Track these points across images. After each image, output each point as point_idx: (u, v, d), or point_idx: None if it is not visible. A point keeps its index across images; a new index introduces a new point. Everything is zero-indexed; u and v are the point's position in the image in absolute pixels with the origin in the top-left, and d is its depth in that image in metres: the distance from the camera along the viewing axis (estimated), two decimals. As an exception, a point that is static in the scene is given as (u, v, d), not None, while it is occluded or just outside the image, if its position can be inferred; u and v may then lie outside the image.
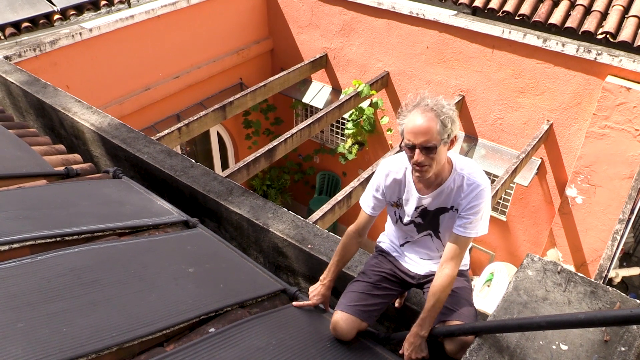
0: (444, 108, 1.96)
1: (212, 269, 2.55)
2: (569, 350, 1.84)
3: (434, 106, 1.95)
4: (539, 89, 5.81)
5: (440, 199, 2.14)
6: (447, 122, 1.96)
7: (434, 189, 2.13)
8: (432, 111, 1.95)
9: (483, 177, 2.11)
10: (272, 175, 8.99)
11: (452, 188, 2.11)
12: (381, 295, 2.34)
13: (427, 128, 1.94)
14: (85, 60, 5.87)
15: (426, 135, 1.94)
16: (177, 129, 5.59)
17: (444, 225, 2.21)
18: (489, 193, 2.11)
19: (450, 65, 6.39)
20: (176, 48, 6.79)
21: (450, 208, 2.15)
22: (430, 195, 2.14)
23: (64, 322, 1.87)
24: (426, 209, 2.19)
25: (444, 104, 1.98)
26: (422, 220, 2.24)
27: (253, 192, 3.37)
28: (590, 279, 2.10)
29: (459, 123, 2.03)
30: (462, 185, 2.10)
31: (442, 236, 2.26)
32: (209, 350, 1.98)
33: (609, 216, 5.78)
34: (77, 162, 3.53)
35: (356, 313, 2.27)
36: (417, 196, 2.18)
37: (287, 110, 8.60)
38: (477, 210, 2.08)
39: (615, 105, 5.18)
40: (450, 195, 2.12)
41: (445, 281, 2.05)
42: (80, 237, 2.49)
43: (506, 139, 6.41)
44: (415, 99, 2.01)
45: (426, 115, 1.95)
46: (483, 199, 2.08)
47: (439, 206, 2.16)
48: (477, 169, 2.13)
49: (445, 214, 2.17)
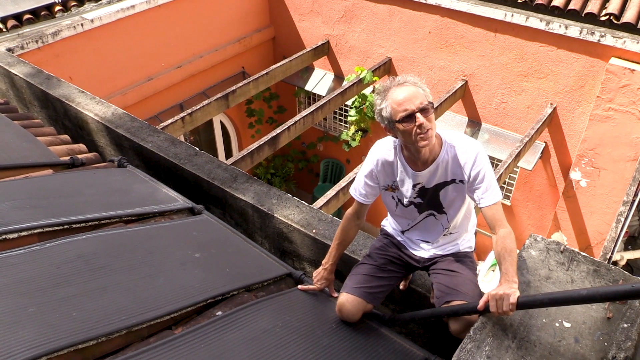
0: (417, 81, 2.04)
1: (218, 254, 2.58)
2: (572, 328, 1.86)
3: (405, 80, 2.04)
4: (542, 72, 5.78)
5: (437, 173, 2.14)
6: (425, 88, 2.04)
7: (429, 165, 2.14)
8: (407, 82, 2.03)
9: (473, 142, 2.13)
10: (276, 164, 9.00)
11: (447, 160, 2.12)
12: (386, 278, 2.36)
13: (415, 93, 2.00)
14: (88, 51, 5.87)
15: (418, 98, 1.99)
16: (180, 119, 5.60)
17: (448, 198, 2.20)
18: (484, 154, 2.12)
19: (453, 50, 6.36)
20: (178, 38, 6.78)
21: (451, 181, 2.15)
22: (427, 171, 2.14)
23: (73, 307, 1.91)
24: (424, 187, 2.19)
25: (412, 76, 2.06)
26: (422, 199, 2.23)
27: (257, 179, 3.39)
28: (592, 258, 2.11)
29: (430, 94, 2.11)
30: (456, 155, 2.11)
31: (448, 210, 2.25)
32: (216, 333, 2.01)
33: (614, 199, 5.77)
34: (82, 151, 3.56)
35: (362, 295, 2.29)
36: (412, 173, 2.17)
37: (289, 98, 8.59)
38: (483, 174, 2.09)
39: (619, 87, 5.15)
40: (447, 168, 2.13)
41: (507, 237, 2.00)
42: (87, 225, 2.52)
43: (510, 123, 6.39)
44: (384, 84, 2.08)
45: (406, 86, 2.02)
46: (481, 162, 2.10)
47: (438, 182, 2.16)
48: (463, 136, 2.16)
49: (447, 188, 2.17)
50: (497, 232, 2.03)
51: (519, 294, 1.78)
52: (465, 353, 1.79)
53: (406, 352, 2.18)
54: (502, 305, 1.78)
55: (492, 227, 2.07)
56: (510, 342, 1.82)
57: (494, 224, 2.05)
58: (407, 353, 2.17)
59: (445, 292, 2.15)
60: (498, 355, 1.77)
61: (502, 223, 2.04)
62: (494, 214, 2.06)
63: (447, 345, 2.43)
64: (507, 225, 2.05)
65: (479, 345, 1.81)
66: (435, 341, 2.64)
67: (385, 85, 2.07)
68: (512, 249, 1.96)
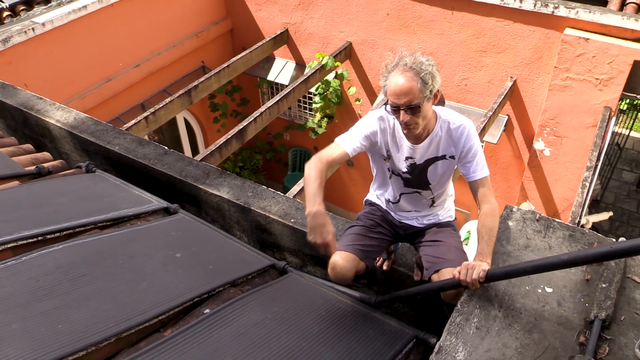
0: (422, 65, 1.98)
1: (199, 252, 2.56)
2: (553, 292, 1.92)
3: (413, 64, 1.97)
4: (500, 46, 5.89)
5: (429, 149, 2.18)
6: (427, 78, 1.98)
7: (423, 139, 2.17)
8: (411, 70, 1.97)
9: (466, 120, 2.18)
10: (244, 157, 8.94)
11: (440, 135, 2.16)
12: (377, 239, 2.39)
13: (408, 88, 1.96)
14: (41, 56, 5.69)
15: (408, 95, 1.97)
16: (144, 118, 5.50)
17: (436, 174, 2.25)
18: (476, 131, 2.18)
19: (412, 30, 6.40)
20: (134, 36, 6.63)
21: (441, 156, 2.19)
22: (421, 146, 2.18)
23: (58, 319, 1.87)
24: (415, 163, 2.23)
25: (422, 60, 1.99)
26: (410, 175, 2.27)
27: (230, 173, 3.37)
28: (567, 223, 2.18)
29: (439, 76, 2.05)
30: (449, 130, 2.15)
31: (433, 186, 2.30)
32: (206, 331, 2.00)
33: (577, 165, 5.95)
34: (47, 160, 3.46)
35: (355, 251, 2.26)
36: (408, 146, 2.20)
37: (252, 90, 8.52)
38: (474, 150, 2.15)
39: (575, 57, 5.29)
40: (439, 144, 2.17)
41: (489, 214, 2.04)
42: (62, 234, 2.46)
43: (472, 99, 6.50)
44: (394, 59, 2.02)
45: (406, 75, 1.97)
46: (474, 138, 2.16)
47: (429, 157, 2.20)
48: (457, 114, 2.19)
49: (436, 163, 2.22)
50: (482, 207, 2.08)
51: (488, 267, 1.86)
52: (455, 326, 1.83)
53: (396, 331, 2.21)
54: (471, 274, 1.84)
55: (479, 202, 2.13)
56: (497, 311, 1.87)
57: (481, 199, 2.11)
58: (397, 332, 2.20)
59: (434, 262, 2.20)
60: (486, 326, 1.82)
61: (489, 199, 2.10)
62: (481, 189, 2.11)
63: (434, 321, 2.48)
64: (493, 201, 2.10)
65: (468, 318, 1.85)
66: (421, 318, 2.69)
67: (394, 61, 2.02)
68: (491, 227, 2.01)
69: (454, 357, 1.74)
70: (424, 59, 2.00)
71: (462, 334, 1.80)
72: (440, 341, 1.79)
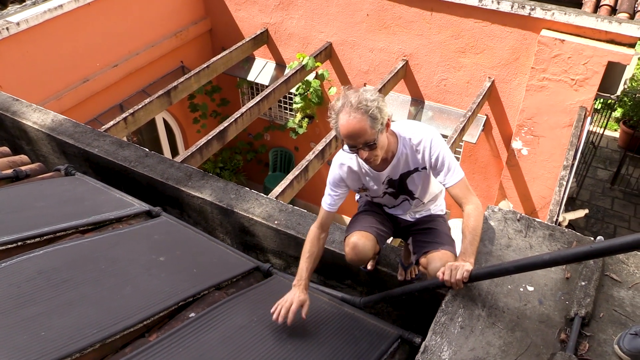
0: (368, 102, 1.95)
1: (183, 255, 2.55)
2: (535, 291, 1.96)
3: (359, 104, 1.95)
4: (478, 47, 5.96)
5: (399, 167, 2.22)
6: (375, 114, 1.96)
7: (390, 162, 2.20)
8: (357, 110, 1.95)
9: (424, 129, 2.18)
10: (224, 157, 8.89)
11: (406, 153, 2.19)
12: (386, 225, 2.44)
13: (359, 130, 1.96)
14: (16, 57, 5.57)
15: (361, 135, 1.98)
16: (122, 119, 5.43)
17: (415, 184, 2.28)
18: (438, 138, 2.17)
19: (392, 31, 6.44)
20: (112, 36, 6.53)
21: (414, 170, 2.22)
22: (390, 167, 2.22)
23: (41, 326, 1.84)
24: (391, 179, 2.27)
25: (367, 97, 1.96)
26: (393, 188, 2.32)
27: (213, 175, 3.35)
28: (547, 223, 2.23)
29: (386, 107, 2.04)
30: (412, 146, 2.18)
31: (420, 195, 2.34)
32: (192, 335, 1.99)
33: (553, 164, 6.06)
34: (24, 163, 3.39)
35: (373, 232, 2.32)
36: (376, 174, 2.25)
37: (232, 90, 8.48)
38: (442, 158, 2.15)
39: (551, 58, 5.39)
40: (407, 160, 2.20)
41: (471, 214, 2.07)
42: (42, 239, 2.42)
43: (451, 99, 6.57)
44: (340, 100, 2.01)
45: (355, 117, 1.95)
46: (437, 147, 2.15)
47: (402, 172, 2.24)
48: (415, 126, 2.20)
49: (412, 176, 2.25)
50: (464, 208, 2.12)
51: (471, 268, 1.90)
52: (440, 326, 1.85)
53: (381, 331, 2.23)
54: (455, 274, 1.88)
55: (460, 204, 2.16)
56: (480, 310, 1.90)
57: (461, 202, 2.14)
58: (382, 333, 2.22)
59: (423, 246, 2.25)
60: (471, 325, 1.85)
61: (469, 199, 2.12)
62: (458, 192, 2.14)
63: (418, 320, 2.51)
64: (474, 200, 2.13)
65: (452, 317, 1.88)
66: (406, 319, 2.72)
67: (337, 105, 2.01)
68: (474, 227, 2.04)
69: (439, 357, 1.76)
70: (367, 95, 1.97)
71: (447, 334, 1.83)
72: (426, 341, 1.82)
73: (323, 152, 5.34)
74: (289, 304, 2.15)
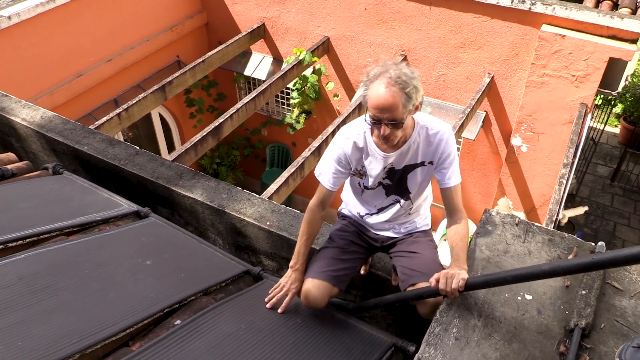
0: (407, 79, 1.87)
1: (171, 258, 2.47)
2: (533, 300, 1.89)
3: (398, 78, 1.86)
4: (478, 42, 5.87)
5: (407, 155, 2.11)
6: (411, 93, 1.88)
7: (400, 146, 2.09)
8: (396, 84, 1.85)
9: (444, 125, 2.12)
10: (221, 153, 8.80)
11: (418, 142, 2.09)
12: (350, 260, 2.33)
13: (392, 104, 1.87)
14: (8, 51, 5.48)
15: (391, 111, 1.88)
16: (116, 115, 5.34)
17: (414, 181, 2.19)
18: (454, 138, 2.13)
19: (390, 25, 6.34)
20: (106, 30, 6.43)
21: (420, 163, 2.13)
22: (397, 153, 2.10)
23: (18, 336, 1.77)
24: (393, 168, 2.16)
25: (407, 73, 1.88)
26: (390, 180, 2.20)
27: (204, 174, 3.27)
28: (546, 227, 2.15)
29: (422, 89, 1.95)
30: (427, 136, 2.09)
31: (414, 196, 2.24)
32: (177, 344, 1.92)
33: (553, 161, 5.98)
34: (11, 161, 3.31)
35: (327, 278, 2.23)
36: (383, 155, 2.12)
37: (229, 85, 8.38)
38: (452, 158, 2.10)
39: (552, 53, 5.29)
40: (417, 150, 2.11)
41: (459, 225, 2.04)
42: (25, 242, 2.34)
43: (450, 95, 6.48)
44: (378, 68, 1.91)
45: (390, 90, 1.86)
46: (452, 145, 2.11)
47: (408, 163, 2.14)
48: (435, 119, 2.13)
49: (415, 170, 2.15)
50: (453, 216, 2.05)
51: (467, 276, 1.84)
52: (434, 337, 1.78)
53: (374, 339, 2.16)
54: (451, 283, 1.82)
55: (450, 210, 2.09)
56: (476, 320, 1.83)
57: (452, 207, 2.07)
58: (375, 340, 2.15)
59: (409, 275, 2.14)
60: (466, 336, 1.77)
61: (460, 207, 2.07)
62: (454, 196, 2.08)
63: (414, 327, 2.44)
64: (463, 210, 2.09)
65: (447, 328, 1.80)
66: (401, 323, 2.64)
67: (375, 71, 1.91)
68: (464, 234, 2.01)
69: (433, 369, 1.69)
70: (408, 71, 1.89)
71: (441, 345, 1.76)
72: (419, 353, 1.74)
73: (319, 149, 5.26)
74: (283, 294, 2.23)
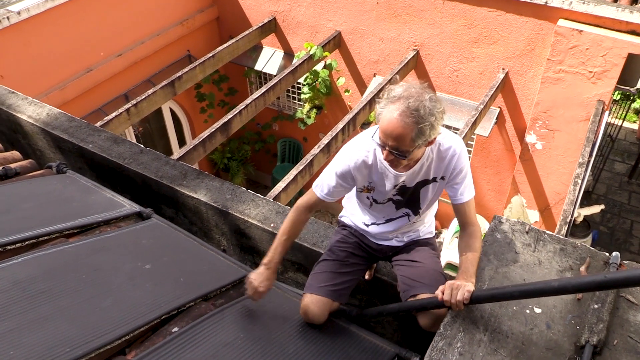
0: (425, 114, 1.74)
1: (171, 262, 2.42)
2: (542, 313, 1.80)
3: (415, 111, 1.73)
4: (492, 37, 5.73)
5: (420, 173, 2.03)
6: (426, 129, 1.76)
7: (412, 166, 2.00)
8: (411, 116, 1.73)
9: (456, 139, 2.02)
10: (232, 147, 8.77)
11: (432, 158, 2.00)
12: (350, 272, 2.26)
13: (400, 135, 1.76)
14: (18, 46, 5.47)
15: (398, 141, 1.78)
16: (125, 111, 5.31)
17: (427, 198, 2.11)
18: (466, 152, 2.04)
19: (402, 19, 6.23)
20: (116, 24, 6.40)
21: (432, 179, 2.05)
22: (409, 172, 2.01)
23: (10, 344, 1.73)
24: (405, 185, 2.08)
25: (428, 107, 1.75)
26: (402, 197, 2.12)
27: (208, 174, 3.22)
28: (558, 236, 2.06)
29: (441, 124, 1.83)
30: (439, 153, 2.00)
31: (423, 209, 2.17)
32: (172, 353, 1.87)
33: (569, 159, 5.84)
34: (15, 159, 3.28)
35: (327, 294, 2.18)
36: (395, 174, 2.02)
37: (240, 79, 8.32)
38: (464, 173, 2.02)
39: (569, 49, 5.15)
40: (430, 167, 2.02)
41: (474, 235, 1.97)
42: (23, 245, 2.31)
43: (463, 91, 6.35)
44: (401, 90, 1.78)
45: (403, 121, 1.74)
46: (464, 159, 2.02)
47: (420, 180, 2.05)
48: (447, 132, 2.03)
49: (427, 186, 2.07)
50: (467, 229, 1.98)
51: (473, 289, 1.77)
52: (437, 352, 1.71)
53: (376, 349, 2.09)
54: (456, 295, 1.74)
55: (463, 223, 2.02)
56: (482, 335, 1.75)
57: (465, 221, 2.00)
58: (378, 350, 2.08)
59: (410, 285, 2.08)
60: (471, 351, 1.70)
61: (473, 220, 2.00)
62: (467, 211, 2.01)
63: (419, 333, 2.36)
64: (477, 222, 2.01)
65: (451, 342, 1.73)
66: (406, 328, 2.58)
67: (396, 93, 1.78)
68: (476, 248, 1.92)
69: (436, 386, 1.62)
70: (430, 105, 1.75)
71: (444, 360, 1.68)
72: (421, 368, 1.68)
73: (329, 146, 5.18)
74: (251, 292, 2.17)
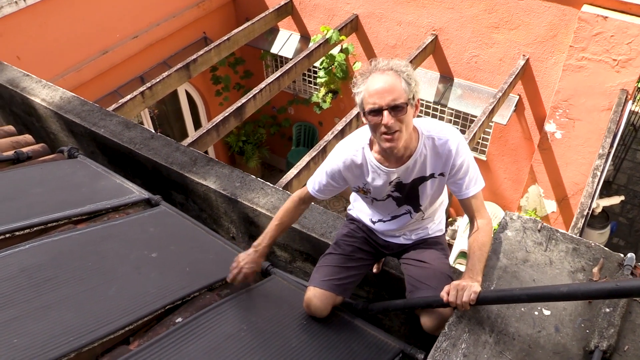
0: (402, 66, 1.80)
1: (177, 251, 2.41)
2: (551, 315, 1.76)
3: (393, 65, 1.79)
4: (513, 23, 5.58)
5: (415, 169, 1.96)
6: (410, 80, 1.79)
7: (405, 161, 1.94)
8: (391, 70, 1.79)
9: (452, 132, 1.93)
10: (247, 131, 8.75)
11: (425, 154, 1.92)
12: (356, 267, 2.22)
13: (392, 86, 1.76)
14: (34, 28, 5.48)
15: (392, 93, 1.75)
16: (140, 94, 5.30)
17: (426, 194, 2.04)
18: (465, 143, 1.94)
19: (421, 3, 6.09)
20: (132, 6, 6.37)
21: (430, 176, 1.98)
22: (403, 167, 1.95)
23: (14, 332, 1.74)
24: (401, 182, 2.01)
25: (401, 63, 1.82)
26: (400, 193, 2.06)
27: (218, 161, 3.20)
28: (571, 235, 2.00)
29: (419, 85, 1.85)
30: (435, 147, 1.92)
31: (425, 208, 2.11)
32: (175, 344, 1.87)
33: (589, 149, 5.71)
34: (28, 143, 3.30)
35: (330, 288, 2.15)
36: (386, 171, 1.97)
37: (256, 62, 8.26)
38: (466, 167, 1.93)
39: (592, 36, 4.99)
40: (425, 163, 1.94)
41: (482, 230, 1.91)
42: (32, 231, 2.32)
43: (482, 77, 6.22)
44: (366, 66, 1.85)
45: (387, 74, 1.78)
46: (464, 153, 1.92)
47: (416, 176, 1.98)
48: (441, 125, 1.95)
49: (425, 183, 2.00)
50: (475, 222, 1.91)
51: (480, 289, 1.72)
52: (441, 352, 1.67)
53: (381, 344, 2.07)
54: (462, 296, 1.70)
55: (471, 217, 1.95)
56: (487, 336, 1.71)
57: (473, 215, 1.93)
58: (383, 346, 2.06)
59: (416, 287, 2.03)
60: (475, 353, 1.66)
61: (481, 213, 1.92)
62: (475, 204, 1.93)
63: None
64: (486, 215, 1.93)
65: (455, 343, 1.70)
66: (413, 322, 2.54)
67: (368, 68, 1.84)
68: (484, 242, 1.86)
69: (438, 388, 1.59)
70: (402, 62, 1.83)
71: (448, 361, 1.65)
72: (424, 369, 1.65)
73: (343, 132, 5.12)
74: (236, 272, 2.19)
